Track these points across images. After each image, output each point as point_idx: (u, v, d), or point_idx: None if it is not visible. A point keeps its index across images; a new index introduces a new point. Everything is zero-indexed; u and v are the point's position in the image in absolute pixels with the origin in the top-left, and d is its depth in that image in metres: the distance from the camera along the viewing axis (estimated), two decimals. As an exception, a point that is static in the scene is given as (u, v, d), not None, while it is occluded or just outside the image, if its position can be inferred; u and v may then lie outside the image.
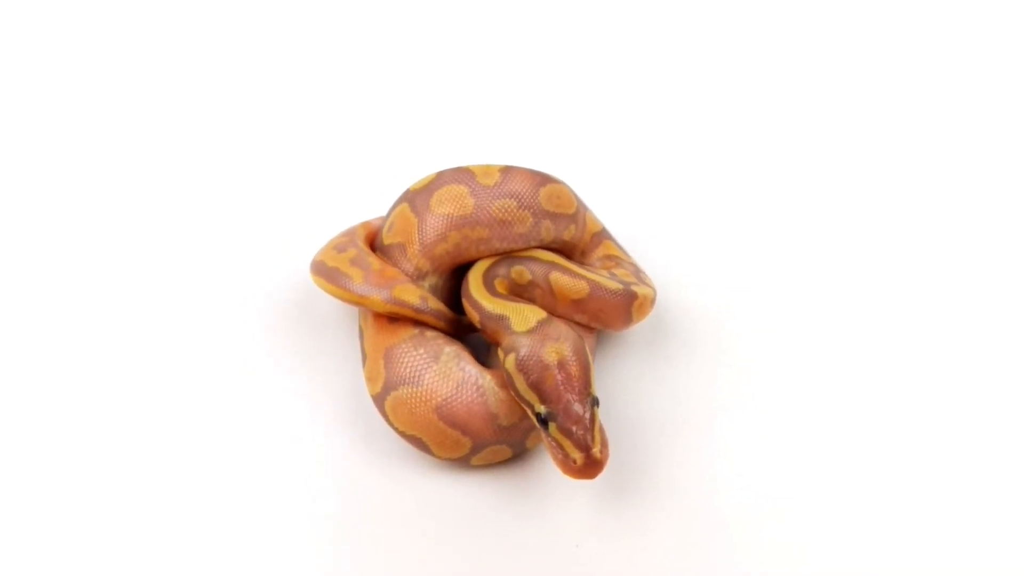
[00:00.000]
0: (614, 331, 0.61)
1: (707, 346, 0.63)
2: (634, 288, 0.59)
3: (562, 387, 0.50)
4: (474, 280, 0.57)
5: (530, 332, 0.53)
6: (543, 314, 0.54)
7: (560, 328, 0.53)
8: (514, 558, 0.53)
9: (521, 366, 0.51)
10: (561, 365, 0.51)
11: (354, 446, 0.57)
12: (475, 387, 0.54)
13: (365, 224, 0.63)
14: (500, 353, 0.54)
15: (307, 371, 0.61)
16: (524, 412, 0.54)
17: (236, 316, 0.64)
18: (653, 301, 0.60)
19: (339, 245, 0.60)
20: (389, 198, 0.63)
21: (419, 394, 0.54)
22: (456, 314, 0.59)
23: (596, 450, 0.49)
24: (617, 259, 0.63)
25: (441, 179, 0.59)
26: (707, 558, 0.53)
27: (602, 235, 0.64)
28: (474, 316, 0.56)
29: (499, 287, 0.58)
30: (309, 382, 0.61)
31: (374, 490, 0.56)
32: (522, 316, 0.54)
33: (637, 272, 0.62)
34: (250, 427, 0.59)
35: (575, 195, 0.62)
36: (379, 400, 0.55)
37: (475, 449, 0.54)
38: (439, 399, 0.54)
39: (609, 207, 0.68)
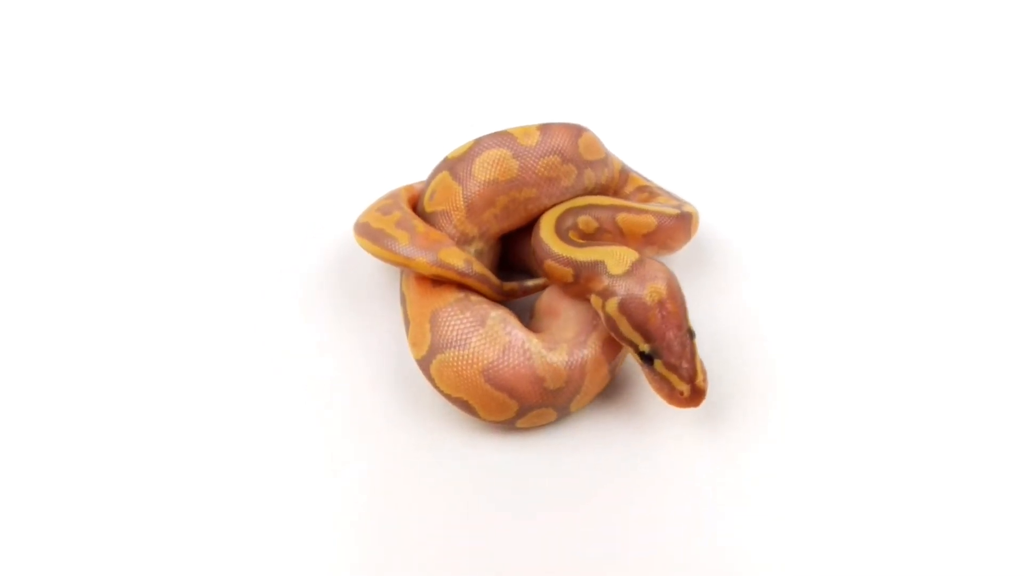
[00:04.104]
0: (668, 254, 0.63)
1: (739, 265, 0.66)
2: (686, 208, 0.61)
3: (664, 325, 0.52)
4: (550, 238, 0.57)
5: (627, 274, 0.53)
6: (635, 254, 0.55)
7: (654, 266, 0.54)
8: (555, 517, 0.53)
9: (624, 308, 0.52)
10: (660, 304, 0.52)
11: (398, 408, 0.57)
12: (522, 351, 0.54)
13: (408, 187, 0.63)
14: (596, 299, 0.54)
15: (348, 334, 0.61)
16: (569, 376, 0.54)
17: (277, 282, 0.64)
18: (699, 217, 0.63)
19: (384, 207, 0.60)
20: (428, 163, 0.63)
21: (466, 357, 0.54)
22: (500, 280, 0.59)
23: (700, 380, 0.51)
24: (648, 188, 0.64)
25: (481, 145, 0.59)
26: (762, 508, 0.54)
27: (625, 171, 0.65)
28: (564, 272, 0.56)
29: (574, 238, 0.58)
30: (350, 346, 0.61)
31: (419, 452, 0.56)
32: (617, 258, 0.54)
33: (671, 195, 0.64)
34: (294, 392, 0.59)
35: (600, 140, 0.63)
36: (424, 363, 0.55)
37: (521, 412, 0.54)
38: (486, 362, 0.54)
39: (626, 142, 0.71)
